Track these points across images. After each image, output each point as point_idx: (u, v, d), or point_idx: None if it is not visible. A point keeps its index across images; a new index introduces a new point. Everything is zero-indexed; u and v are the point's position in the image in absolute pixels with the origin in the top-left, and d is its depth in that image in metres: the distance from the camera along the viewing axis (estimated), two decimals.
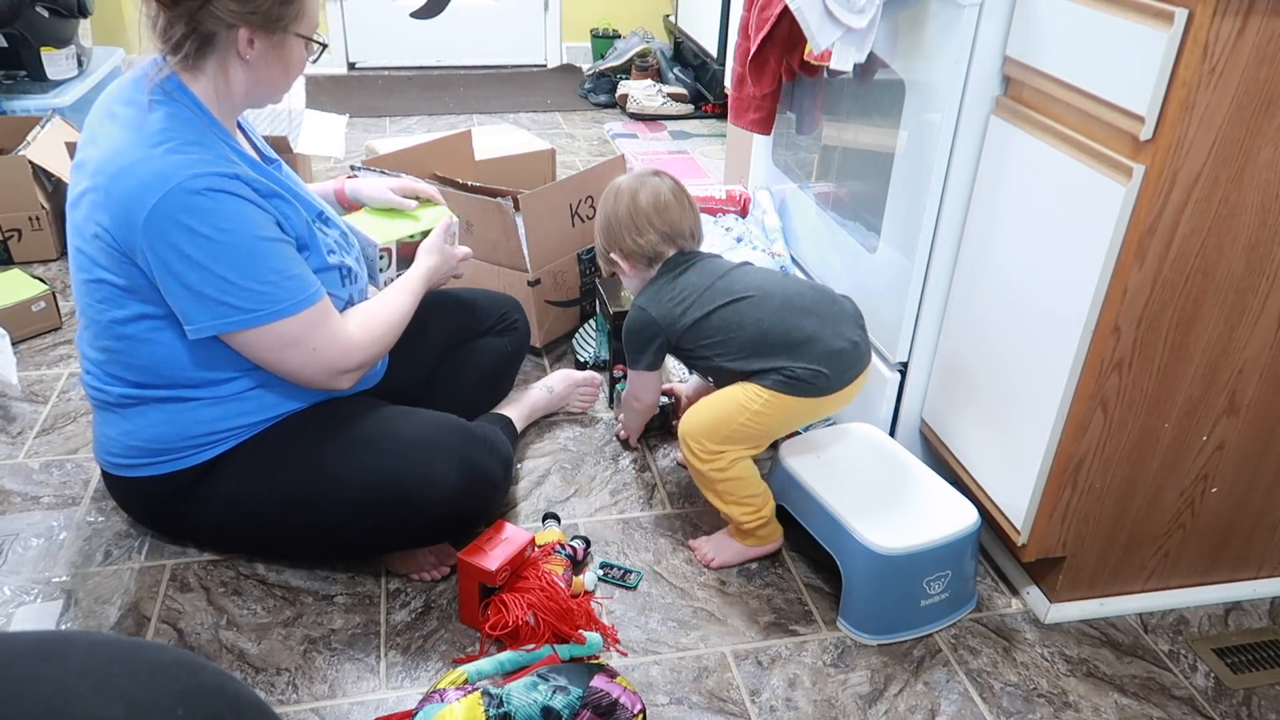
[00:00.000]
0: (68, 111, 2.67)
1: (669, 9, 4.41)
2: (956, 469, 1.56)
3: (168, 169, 1.17)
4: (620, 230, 1.54)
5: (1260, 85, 1.09)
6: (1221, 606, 1.53)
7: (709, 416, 1.46)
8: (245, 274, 1.21)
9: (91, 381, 1.37)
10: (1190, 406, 1.32)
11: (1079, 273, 1.24)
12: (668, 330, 1.49)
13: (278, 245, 1.24)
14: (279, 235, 1.25)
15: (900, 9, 1.55)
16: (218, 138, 1.25)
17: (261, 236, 1.22)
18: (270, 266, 1.22)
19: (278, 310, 1.23)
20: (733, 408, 1.44)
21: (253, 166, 1.29)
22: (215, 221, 1.18)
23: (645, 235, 1.52)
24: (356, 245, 1.46)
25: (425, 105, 3.92)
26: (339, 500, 1.35)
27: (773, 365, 1.42)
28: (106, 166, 1.20)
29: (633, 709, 1.18)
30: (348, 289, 1.39)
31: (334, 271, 1.35)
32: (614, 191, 1.56)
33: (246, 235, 1.20)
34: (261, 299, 1.22)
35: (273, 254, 1.23)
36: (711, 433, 1.45)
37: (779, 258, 1.96)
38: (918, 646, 1.42)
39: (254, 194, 1.23)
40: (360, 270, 1.45)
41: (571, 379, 1.89)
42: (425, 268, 1.49)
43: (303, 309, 1.25)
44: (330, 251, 1.36)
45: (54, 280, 2.32)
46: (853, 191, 1.85)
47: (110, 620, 1.39)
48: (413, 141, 2.47)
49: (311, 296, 1.26)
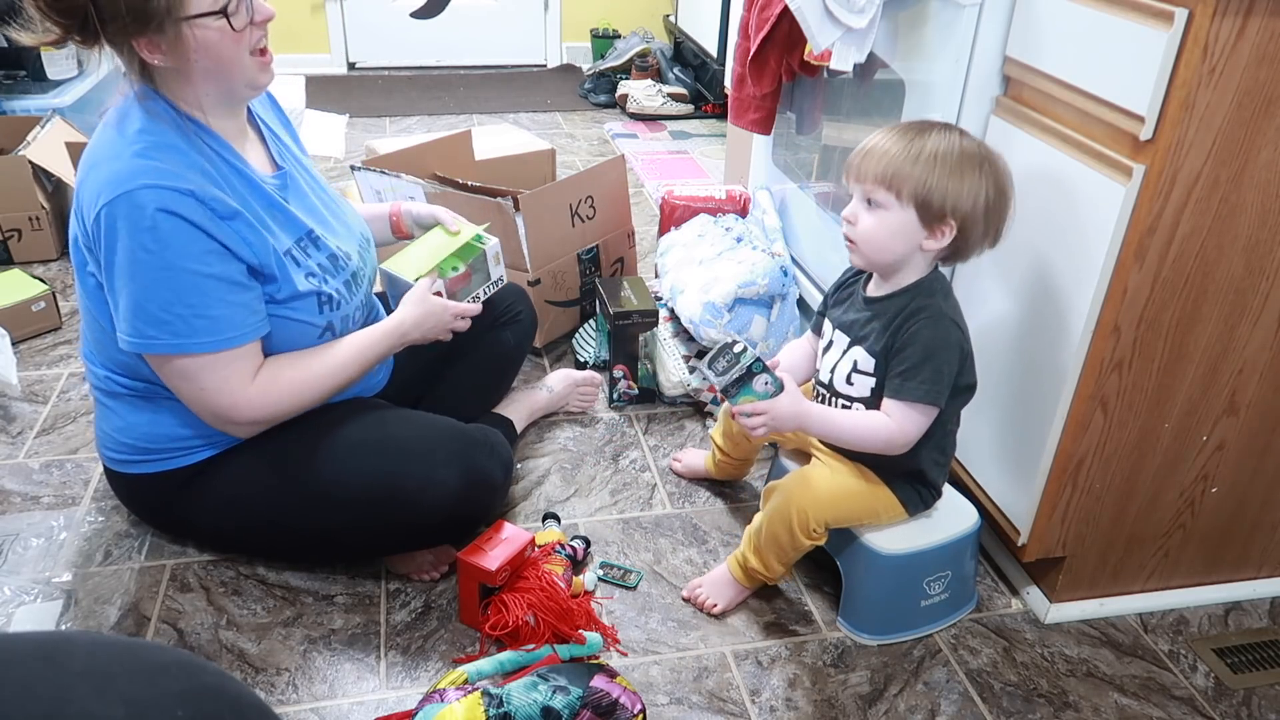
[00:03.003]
0: (68, 111, 2.67)
1: (669, 9, 4.41)
2: (956, 469, 1.56)
3: (124, 174, 1.16)
4: (1006, 205, 1.25)
5: (1260, 85, 1.09)
6: (1221, 606, 1.53)
7: (843, 510, 1.36)
8: (155, 299, 1.18)
9: (92, 368, 1.38)
10: (1190, 406, 1.32)
11: (1079, 272, 1.24)
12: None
13: (203, 280, 1.19)
14: (211, 269, 1.19)
15: (900, 9, 1.55)
16: (202, 141, 1.23)
17: (186, 267, 1.18)
18: (183, 300, 1.19)
19: (175, 344, 1.21)
20: (865, 511, 1.37)
21: (234, 177, 1.25)
22: (145, 239, 1.16)
23: (1006, 221, 1.26)
24: (349, 269, 1.38)
25: (425, 105, 3.92)
26: (338, 504, 1.35)
27: (939, 478, 1.39)
28: (84, 161, 1.22)
29: (633, 709, 1.18)
30: (326, 316, 1.33)
31: (310, 298, 1.31)
32: (996, 156, 1.26)
33: (170, 261, 1.17)
34: (164, 328, 1.20)
35: (191, 288, 1.19)
36: (834, 520, 1.36)
37: (779, 258, 1.96)
38: (918, 647, 1.42)
39: (206, 214, 1.18)
40: (349, 297, 1.37)
41: (571, 379, 1.89)
42: (397, 321, 1.39)
43: (200, 350, 1.21)
44: (310, 275, 1.31)
45: (54, 280, 2.32)
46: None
47: (110, 620, 1.39)
48: (413, 141, 2.47)
49: (220, 341, 1.22)
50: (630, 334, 1.88)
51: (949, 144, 1.21)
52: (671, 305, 2.02)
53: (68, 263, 2.42)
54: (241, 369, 1.26)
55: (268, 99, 1.44)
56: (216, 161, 1.24)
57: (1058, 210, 1.28)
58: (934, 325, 1.25)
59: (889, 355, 1.28)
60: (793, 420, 1.30)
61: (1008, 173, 1.25)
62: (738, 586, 1.45)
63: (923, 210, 1.22)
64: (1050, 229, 1.29)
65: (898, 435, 1.28)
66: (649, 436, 1.86)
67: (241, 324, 1.24)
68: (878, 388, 1.31)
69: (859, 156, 1.26)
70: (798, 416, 1.30)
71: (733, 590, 1.45)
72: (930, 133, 1.23)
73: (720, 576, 1.46)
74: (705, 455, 1.71)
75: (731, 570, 1.45)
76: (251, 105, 1.36)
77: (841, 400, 1.36)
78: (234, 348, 1.24)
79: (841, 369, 1.34)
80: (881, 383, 1.30)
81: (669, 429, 1.89)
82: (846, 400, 1.35)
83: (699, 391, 1.92)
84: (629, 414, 1.93)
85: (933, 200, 1.21)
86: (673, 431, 1.88)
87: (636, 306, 1.88)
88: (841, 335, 1.36)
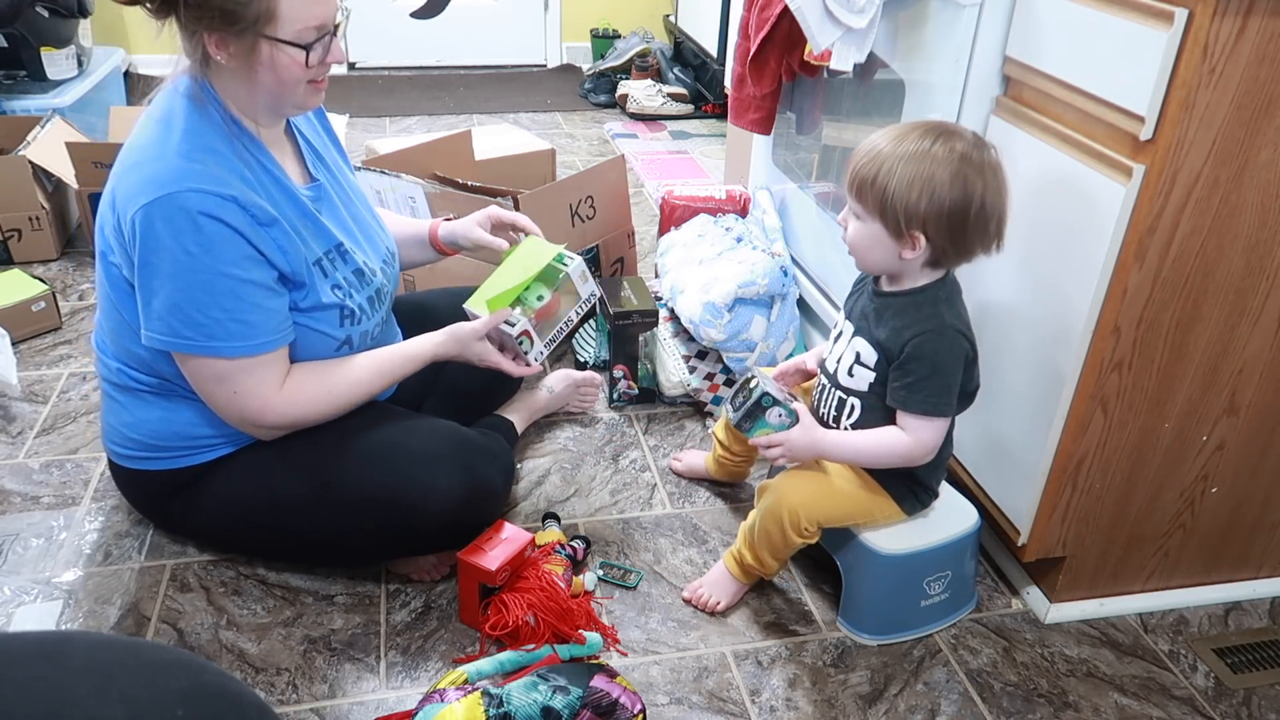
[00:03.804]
0: (68, 111, 2.67)
1: (669, 9, 4.41)
2: (956, 469, 1.56)
3: (168, 175, 1.17)
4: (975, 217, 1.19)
5: (1260, 85, 1.09)
6: (1221, 606, 1.53)
7: (835, 510, 1.36)
8: (193, 302, 1.20)
9: (104, 359, 1.38)
10: (1190, 406, 1.32)
11: (1079, 272, 1.24)
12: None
13: (240, 285, 1.21)
14: (249, 275, 1.21)
15: (900, 9, 1.55)
16: (243, 145, 1.24)
17: (226, 272, 1.19)
18: (219, 304, 1.20)
19: (210, 347, 1.22)
20: (858, 511, 1.37)
21: (272, 185, 1.26)
22: (187, 242, 1.17)
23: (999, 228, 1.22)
24: (374, 285, 1.39)
25: (425, 105, 3.92)
26: (340, 511, 1.35)
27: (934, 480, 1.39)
28: (127, 156, 1.23)
29: (633, 709, 1.18)
30: (346, 330, 1.34)
31: (333, 310, 1.32)
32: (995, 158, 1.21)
33: (210, 265, 1.18)
34: (199, 330, 1.21)
35: (229, 292, 1.20)
36: (825, 520, 1.37)
37: (779, 258, 1.96)
38: (918, 647, 1.42)
39: (247, 220, 1.20)
40: (371, 313, 1.38)
41: (571, 379, 1.89)
42: (431, 350, 1.39)
43: (237, 354, 1.23)
44: (335, 287, 1.32)
45: (54, 280, 2.32)
46: None
47: (110, 620, 1.39)
48: (413, 141, 2.47)
49: (254, 346, 1.23)
50: (630, 334, 1.88)
51: (919, 150, 1.17)
52: (671, 305, 2.02)
53: (68, 263, 2.42)
54: (272, 374, 1.27)
55: (315, 111, 1.46)
56: (256, 168, 1.25)
57: (1058, 210, 1.28)
58: (936, 338, 1.25)
59: (891, 360, 1.28)
60: (808, 449, 1.33)
61: (988, 179, 1.18)
62: (737, 583, 1.46)
63: (885, 222, 1.21)
64: (1050, 229, 1.29)
65: (915, 448, 1.29)
66: (649, 436, 1.86)
67: (274, 330, 1.26)
68: (875, 384, 1.31)
69: (849, 160, 1.25)
70: (813, 445, 1.33)
71: (733, 587, 1.45)
72: (909, 137, 1.19)
73: (719, 574, 1.47)
74: (706, 455, 1.71)
75: (729, 567, 1.45)
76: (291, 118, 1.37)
77: (840, 391, 1.36)
78: (265, 353, 1.25)
79: (845, 359, 1.34)
80: (880, 380, 1.30)
81: (669, 429, 1.89)
82: (845, 392, 1.35)
83: (699, 391, 1.92)
84: (629, 414, 1.93)
85: (889, 213, 1.19)
86: (673, 431, 1.88)
87: (636, 306, 1.88)
88: (849, 324, 1.36)
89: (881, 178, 1.18)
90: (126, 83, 3.35)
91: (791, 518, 1.34)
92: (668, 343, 1.96)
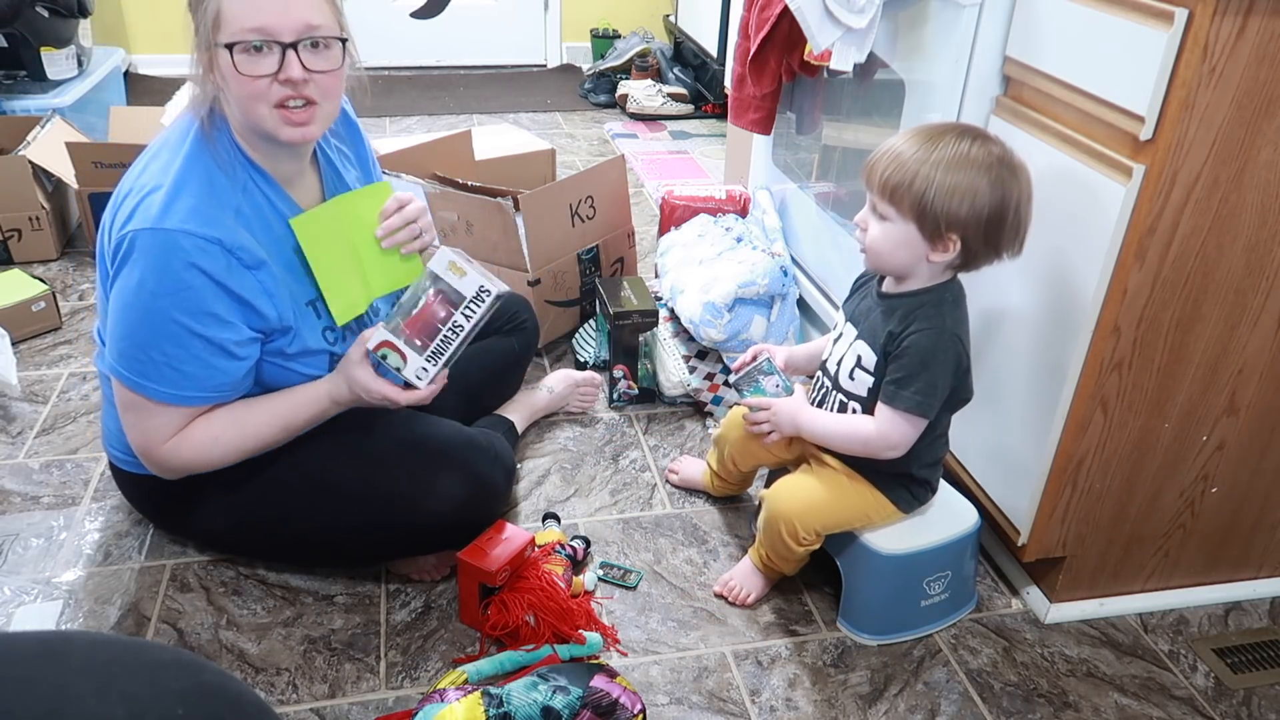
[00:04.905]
0: (68, 111, 2.67)
1: (669, 9, 4.41)
2: (956, 469, 1.56)
3: (157, 208, 1.16)
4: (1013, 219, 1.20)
5: (1260, 85, 1.09)
6: (1221, 606, 1.53)
7: (829, 516, 1.37)
8: (135, 336, 1.19)
9: (102, 350, 1.38)
10: (1190, 406, 1.32)
11: (1079, 272, 1.24)
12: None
13: (190, 336, 1.18)
14: (204, 330, 1.18)
15: (900, 9, 1.55)
16: (248, 176, 1.23)
17: (179, 320, 1.17)
18: (161, 348, 1.18)
19: (135, 382, 1.21)
20: (853, 514, 1.38)
21: (273, 220, 1.24)
22: (152, 281, 1.16)
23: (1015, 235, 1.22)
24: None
25: (425, 105, 3.92)
26: (340, 512, 1.35)
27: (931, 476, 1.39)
28: (137, 166, 1.23)
29: (633, 709, 1.18)
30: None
31: (323, 355, 1.31)
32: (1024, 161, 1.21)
33: (165, 309, 1.16)
34: (134, 362, 1.20)
35: (174, 339, 1.18)
36: (825, 526, 1.37)
37: (779, 258, 1.96)
38: (918, 647, 1.42)
39: (228, 265, 1.17)
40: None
41: (571, 379, 1.89)
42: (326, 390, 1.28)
43: (152, 397, 1.21)
44: (328, 329, 1.31)
45: (54, 280, 2.32)
46: (852, 191, 1.85)
47: (110, 620, 1.39)
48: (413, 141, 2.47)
49: (179, 397, 1.21)
50: (630, 334, 1.88)
51: (957, 154, 1.17)
52: (671, 305, 2.02)
53: (68, 263, 2.42)
54: (181, 425, 1.25)
55: (349, 123, 1.44)
56: (258, 201, 1.23)
57: (1058, 210, 1.28)
58: (934, 337, 1.25)
59: (887, 356, 1.28)
60: (790, 420, 1.37)
61: (1022, 184, 1.20)
62: (763, 577, 1.48)
63: (922, 225, 1.20)
64: (1050, 229, 1.29)
65: (876, 439, 1.29)
66: (649, 436, 1.86)
67: (210, 388, 1.23)
68: (874, 389, 1.31)
69: (872, 160, 1.24)
70: (794, 416, 1.37)
71: (761, 580, 1.48)
72: (943, 140, 1.19)
73: (747, 568, 1.49)
74: (702, 468, 1.70)
75: (754, 561, 1.48)
76: (326, 135, 1.34)
77: (841, 394, 1.36)
78: (184, 406, 1.23)
79: (847, 362, 1.34)
80: (879, 385, 1.30)
81: (669, 429, 1.89)
82: (846, 395, 1.35)
83: (699, 391, 1.92)
84: (629, 414, 1.93)
85: (929, 216, 1.19)
86: (673, 431, 1.88)
87: (636, 306, 1.88)
88: (850, 326, 1.36)
89: (919, 182, 1.17)
90: (126, 83, 3.35)
91: (789, 528, 1.36)
92: (668, 343, 1.96)
